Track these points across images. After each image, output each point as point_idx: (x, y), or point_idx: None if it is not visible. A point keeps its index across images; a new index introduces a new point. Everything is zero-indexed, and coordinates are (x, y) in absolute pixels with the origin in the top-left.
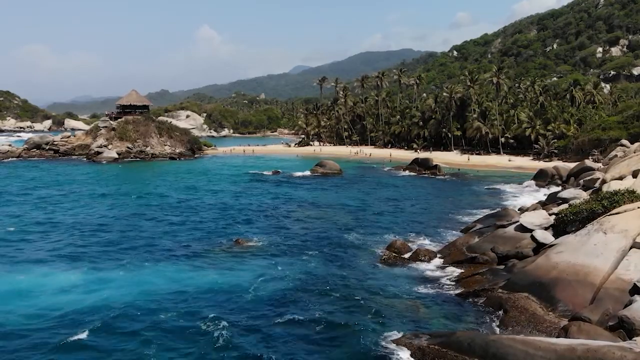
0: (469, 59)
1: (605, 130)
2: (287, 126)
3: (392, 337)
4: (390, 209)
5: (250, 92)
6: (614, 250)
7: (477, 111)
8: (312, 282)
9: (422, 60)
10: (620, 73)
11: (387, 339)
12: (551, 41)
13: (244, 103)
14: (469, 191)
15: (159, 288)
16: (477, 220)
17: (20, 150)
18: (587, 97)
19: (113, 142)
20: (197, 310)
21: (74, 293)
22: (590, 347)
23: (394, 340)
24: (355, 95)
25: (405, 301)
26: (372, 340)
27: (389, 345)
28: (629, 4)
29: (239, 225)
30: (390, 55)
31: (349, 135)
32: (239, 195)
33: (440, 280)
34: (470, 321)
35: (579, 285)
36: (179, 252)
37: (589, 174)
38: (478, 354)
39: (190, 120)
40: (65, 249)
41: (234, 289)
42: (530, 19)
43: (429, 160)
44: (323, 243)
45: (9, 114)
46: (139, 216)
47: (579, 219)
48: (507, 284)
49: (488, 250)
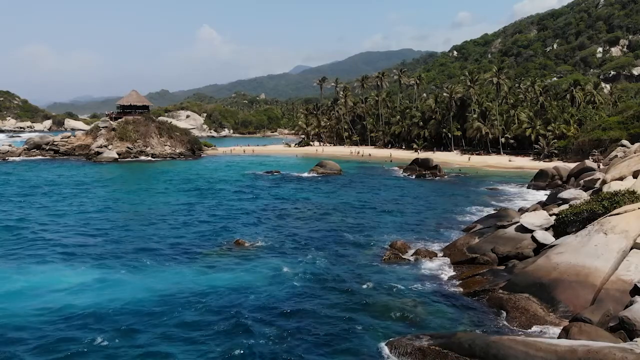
0: (469, 59)
1: (605, 130)
2: (287, 126)
3: (392, 338)
4: (391, 209)
5: (251, 92)
6: (615, 251)
7: (477, 111)
8: (312, 282)
9: (423, 60)
10: (620, 73)
11: (387, 339)
12: (551, 41)
13: (244, 103)
14: (469, 191)
15: (162, 288)
16: (477, 220)
17: (20, 151)
18: (588, 97)
19: (113, 143)
20: (200, 310)
21: (78, 293)
22: (591, 348)
23: (394, 341)
24: (355, 95)
25: (405, 302)
26: (372, 340)
27: (389, 346)
28: (629, 4)
29: (239, 225)
30: (391, 55)
31: (349, 135)
32: (239, 195)
33: (441, 281)
34: (470, 322)
35: (579, 286)
36: (179, 252)
37: (590, 174)
38: (479, 355)
39: (190, 121)
40: (66, 249)
41: (234, 289)
42: (530, 19)
43: (429, 161)
44: (323, 243)
45: (9, 114)
46: (139, 216)
47: (579, 219)
48: (507, 285)
49: (488, 251)
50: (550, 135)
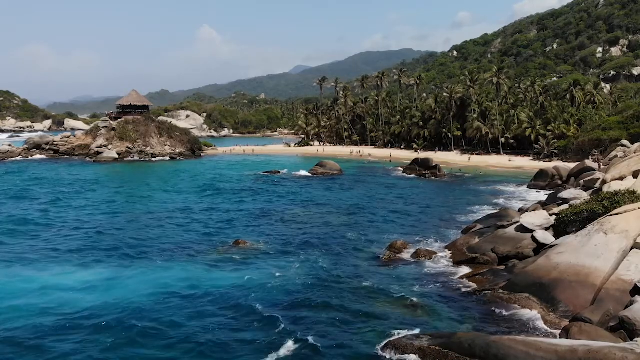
0: (469, 59)
1: (605, 130)
2: (287, 126)
3: (392, 338)
4: (391, 209)
5: (251, 92)
6: (615, 251)
7: (477, 111)
8: (312, 282)
9: (423, 60)
10: (620, 73)
11: (388, 339)
12: (551, 41)
13: (244, 103)
14: (469, 191)
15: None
16: (477, 220)
17: (20, 151)
18: (587, 97)
19: (113, 142)
20: (199, 310)
21: (83, 291)
22: (591, 348)
23: (395, 341)
24: (355, 95)
25: (405, 302)
26: (372, 340)
27: (389, 345)
28: (629, 4)
29: (239, 225)
30: (391, 55)
31: (349, 135)
32: (240, 195)
33: (441, 281)
34: (470, 322)
35: (579, 286)
36: (178, 253)
37: (590, 174)
38: (479, 355)
39: (190, 120)
40: (68, 249)
41: (235, 287)
42: (530, 19)
43: (429, 161)
44: (323, 243)
45: (9, 114)
46: (139, 216)
47: (579, 219)
48: (507, 285)
49: (489, 251)
50: (550, 135)
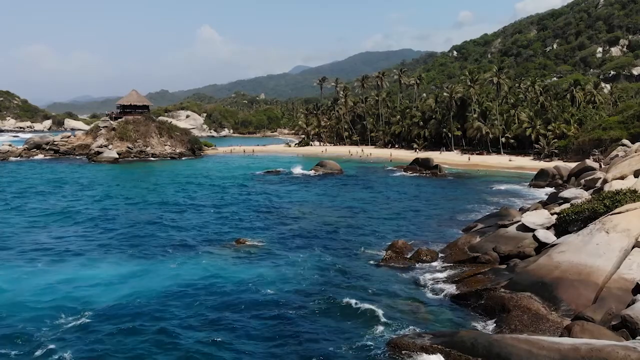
0: (469, 59)
1: (605, 130)
2: (287, 126)
3: (394, 337)
4: (391, 208)
5: (250, 92)
6: (617, 250)
7: (477, 111)
8: (312, 281)
9: (423, 60)
10: (620, 73)
11: (390, 338)
12: (551, 41)
13: (244, 103)
14: (469, 191)
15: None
16: (478, 220)
17: (20, 150)
18: (588, 97)
19: (113, 142)
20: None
21: (96, 287)
22: (594, 346)
23: (397, 340)
24: (355, 95)
25: (407, 301)
26: (374, 340)
27: (391, 344)
28: (629, 4)
29: (239, 224)
30: (391, 55)
31: (349, 135)
32: (240, 195)
33: (442, 280)
34: (472, 321)
35: (581, 285)
36: (178, 252)
37: (590, 173)
38: (481, 353)
39: (190, 120)
40: (64, 249)
41: (236, 284)
42: (530, 19)
43: (430, 160)
44: (323, 243)
45: (9, 114)
46: (139, 216)
47: (581, 218)
48: (509, 284)
49: (490, 250)
50: (550, 135)
